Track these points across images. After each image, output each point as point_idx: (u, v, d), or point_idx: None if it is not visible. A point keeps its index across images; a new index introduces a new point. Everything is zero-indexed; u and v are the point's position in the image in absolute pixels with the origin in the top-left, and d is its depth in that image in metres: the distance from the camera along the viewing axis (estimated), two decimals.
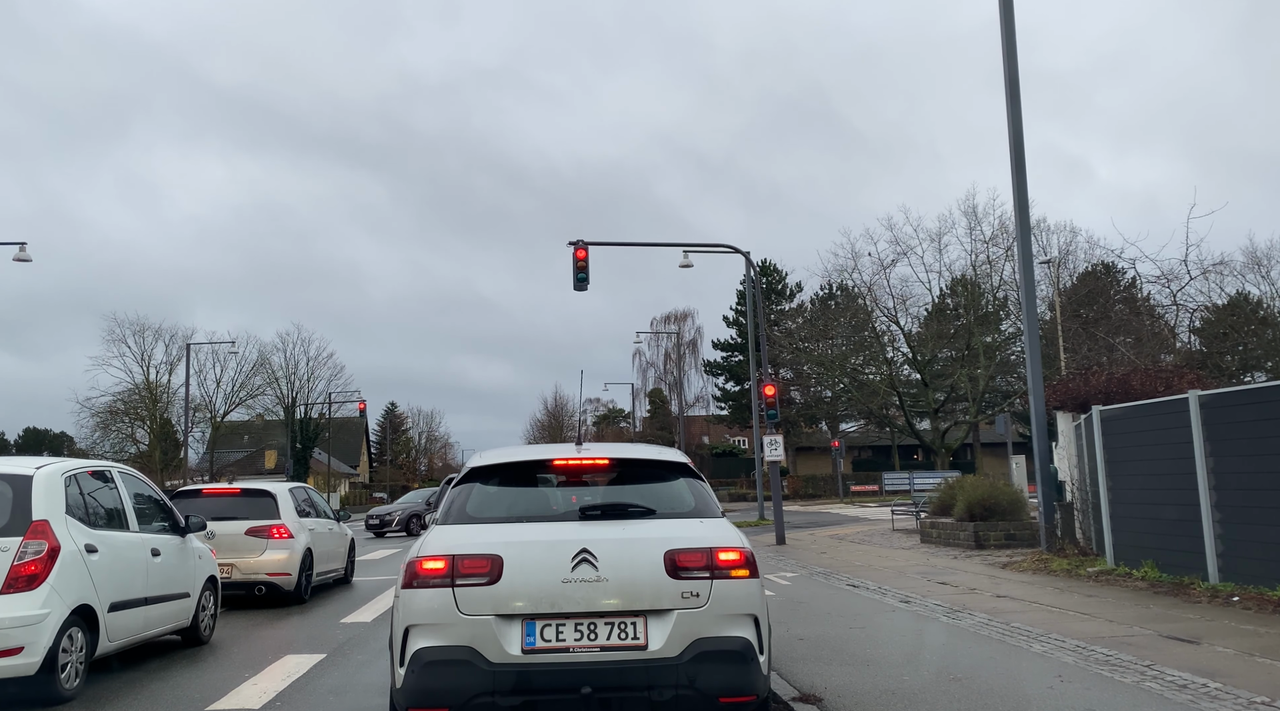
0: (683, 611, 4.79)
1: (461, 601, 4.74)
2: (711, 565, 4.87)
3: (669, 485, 5.52)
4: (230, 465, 72.23)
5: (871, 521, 30.74)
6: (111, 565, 7.58)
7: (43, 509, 7.01)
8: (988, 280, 57.80)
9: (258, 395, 63.35)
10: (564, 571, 4.77)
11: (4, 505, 6.96)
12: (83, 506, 7.58)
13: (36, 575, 6.71)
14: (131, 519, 8.35)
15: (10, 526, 6.84)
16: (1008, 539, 17.76)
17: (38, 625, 6.56)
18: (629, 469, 5.63)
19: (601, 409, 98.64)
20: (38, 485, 7.12)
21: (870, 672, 7.09)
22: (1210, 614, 9.30)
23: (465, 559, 4.80)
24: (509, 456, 5.73)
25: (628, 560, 4.83)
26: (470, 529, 5.11)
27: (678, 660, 4.71)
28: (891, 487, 52.82)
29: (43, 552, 6.81)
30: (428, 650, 4.71)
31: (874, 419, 62.31)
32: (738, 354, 72.02)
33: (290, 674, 7.72)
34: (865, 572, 14.72)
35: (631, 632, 4.76)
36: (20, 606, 6.54)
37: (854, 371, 60.27)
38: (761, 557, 18.89)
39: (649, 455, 5.79)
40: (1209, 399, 10.81)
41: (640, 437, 74.69)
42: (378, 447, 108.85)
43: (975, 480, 19.55)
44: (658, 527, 5.08)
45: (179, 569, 8.99)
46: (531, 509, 5.42)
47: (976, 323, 58.68)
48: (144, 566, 8.23)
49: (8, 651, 6.41)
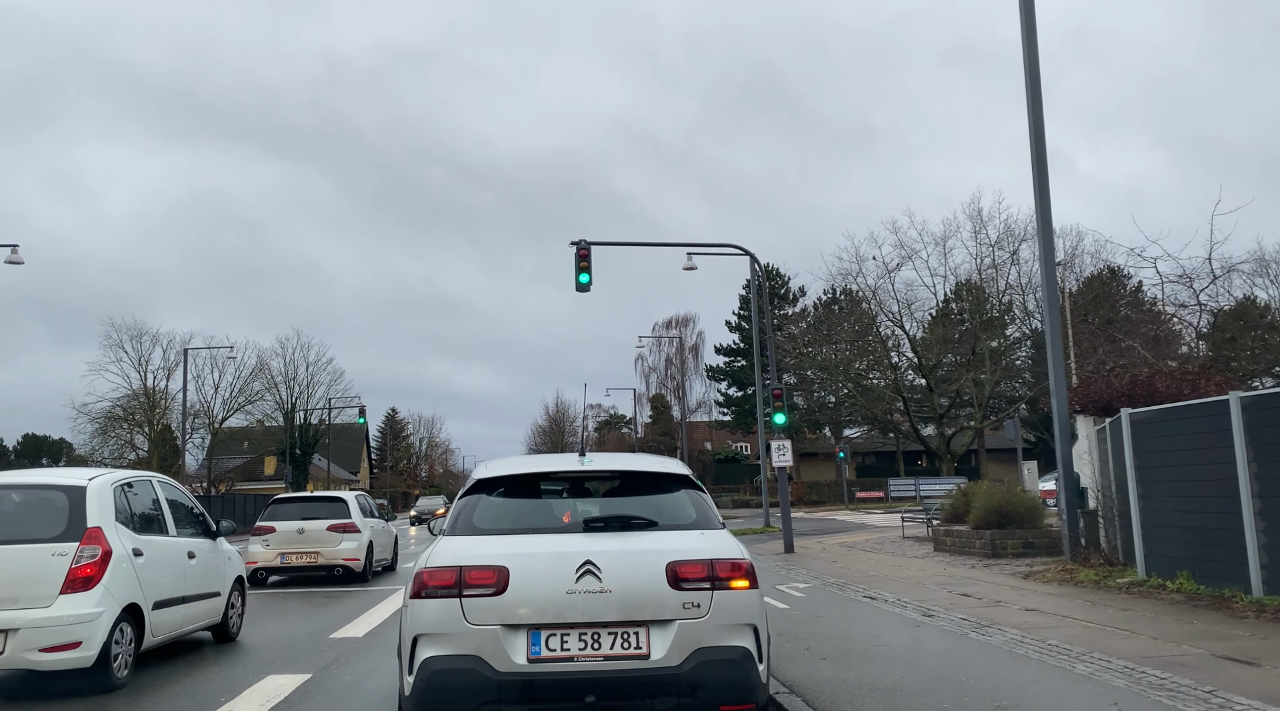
0: (684, 621, 4.86)
1: (469, 611, 4.81)
2: (712, 576, 4.94)
3: (671, 497, 5.56)
4: (230, 471, 71.65)
5: (880, 528, 30.13)
6: (155, 567, 8.23)
7: (96, 516, 7.58)
8: (993, 284, 57.23)
9: (256, 400, 62.69)
10: (568, 582, 4.83)
11: (61, 513, 7.52)
12: (129, 513, 8.20)
13: (92, 577, 7.31)
14: (170, 524, 9.01)
15: (67, 533, 7.43)
16: (1025, 547, 17.12)
17: (93, 622, 7.22)
18: (631, 480, 5.73)
19: (603, 414, 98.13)
20: (91, 495, 7.68)
21: (907, 702, 6.46)
22: (1261, 631, 8.66)
23: (472, 570, 4.86)
24: (514, 468, 5.78)
25: (630, 571, 4.90)
26: (477, 540, 5.18)
27: (679, 669, 4.78)
28: (897, 494, 52.19)
29: (97, 556, 7.41)
30: (435, 659, 4.77)
31: (878, 424, 61.68)
32: (740, 359, 71.40)
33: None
34: (881, 583, 14.10)
35: (634, 642, 4.83)
36: (78, 605, 7.19)
37: (858, 376, 59.65)
38: (771, 567, 18.43)
39: (651, 467, 5.84)
40: (1252, 401, 10.19)
41: (642, 443, 74.12)
42: (378, 454, 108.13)
43: (990, 487, 18.92)
44: (660, 539, 5.15)
45: (212, 570, 9.66)
46: (537, 520, 5.47)
47: (981, 327, 58.10)
48: (182, 568, 8.91)
49: (68, 645, 7.09)
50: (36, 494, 7.89)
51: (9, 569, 7.19)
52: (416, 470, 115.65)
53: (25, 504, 7.82)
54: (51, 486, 7.89)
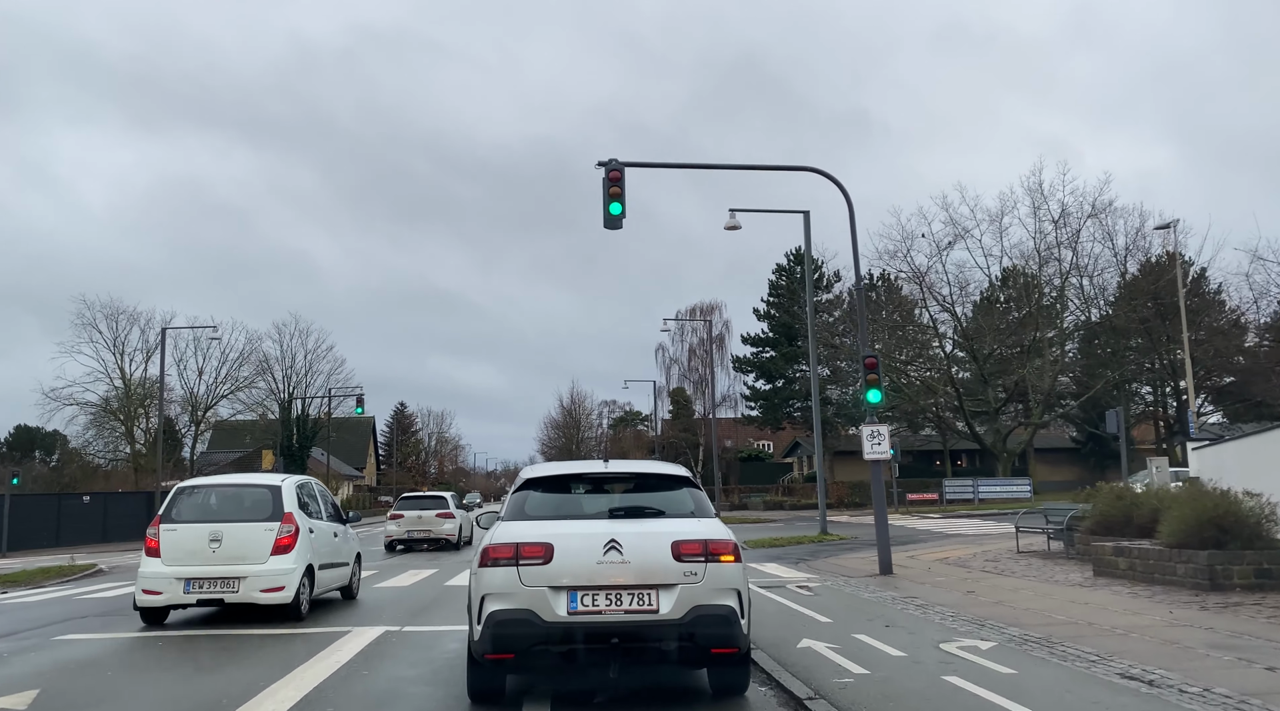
0: (685, 585, 6.25)
1: (523, 577, 6.25)
2: (706, 552, 6.33)
3: (675, 493, 7.06)
4: (226, 465, 66.76)
5: (973, 538, 24.75)
6: (319, 541, 12.18)
7: (288, 504, 11.62)
8: (1056, 265, 51.67)
9: (245, 387, 57.60)
10: (598, 555, 6.24)
11: (267, 503, 11.56)
12: (303, 504, 12.12)
13: (289, 545, 11.31)
14: (323, 512, 12.90)
15: (273, 515, 11.42)
16: (1260, 576, 11.89)
17: (290, 574, 11.21)
18: (645, 480, 7.27)
19: (617, 411, 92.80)
20: (284, 491, 11.77)
21: None
22: None
23: (526, 546, 6.31)
24: (555, 470, 7.47)
25: (645, 548, 6.30)
26: (528, 524, 6.62)
27: (681, 621, 6.19)
28: (953, 496, 46.76)
29: (292, 532, 11.40)
30: (498, 612, 6.21)
31: (927, 419, 56.20)
32: (769, 349, 66.03)
33: None
34: (1094, 639, 8.92)
35: (647, 601, 6.22)
36: (281, 563, 11.20)
37: (900, 367, 54.24)
38: (875, 598, 12.42)
39: (659, 470, 7.41)
40: None
41: (662, 442, 69.04)
42: (386, 450, 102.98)
43: (1193, 490, 13.63)
44: (666, 524, 6.60)
45: (344, 546, 13.54)
46: (572, 509, 6.96)
47: (1039, 312, 52.68)
48: (331, 543, 12.85)
49: (276, 588, 11.04)
50: (253, 491, 11.91)
51: (240, 539, 11.20)
52: (425, 466, 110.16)
53: (248, 498, 11.79)
54: (261, 485, 12.00)
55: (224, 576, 10.90)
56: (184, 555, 11.00)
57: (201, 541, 11.03)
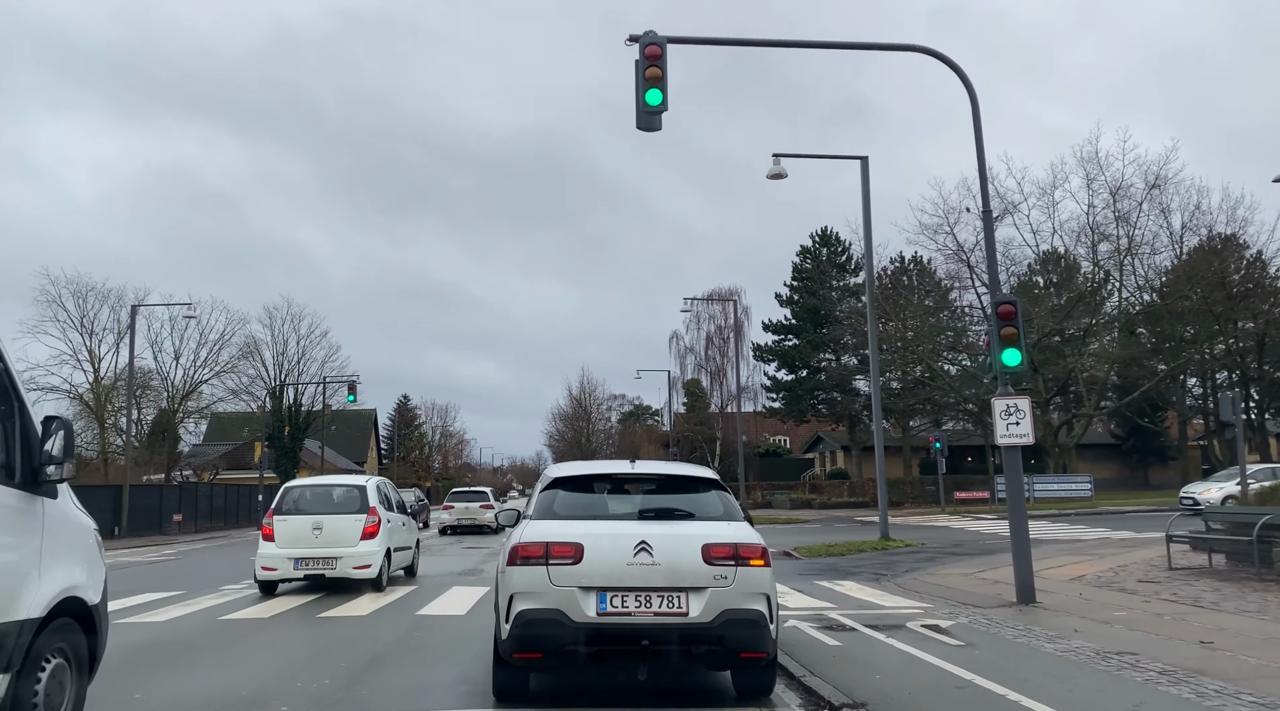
0: (714, 589, 6.21)
1: (553, 576, 6.22)
2: (736, 556, 6.28)
3: (704, 495, 7.05)
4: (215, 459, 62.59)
5: (1064, 544, 20.15)
6: (393, 529, 14.88)
7: (372, 500, 14.38)
8: (1112, 241, 47.00)
9: (227, 371, 53.32)
10: (628, 557, 6.22)
11: (356, 499, 14.37)
12: (382, 499, 14.81)
13: (374, 533, 13.98)
14: (395, 506, 15.71)
15: (360, 508, 14.18)
16: None
17: (375, 555, 13.90)
18: (674, 482, 7.25)
19: (626, 405, 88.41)
20: (369, 489, 14.60)
21: None
22: None
23: (556, 545, 6.28)
24: (581, 469, 7.47)
25: (675, 550, 6.27)
26: (557, 523, 6.59)
27: (710, 624, 6.14)
28: (1006, 495, 42.07)
29: (376, 522, 14.09)
30: (528, 611, 6.17)
31: (968, 411, 51.63)
32: (792, 336, 61.65)
33: None
34: None
35: (677, 603, 6.18)
36: (369, 547, 13.87)
37: (934, 353, 49.70)
38: (1077, 661, 6.50)
39: (688, 472, 7.38)
40: None
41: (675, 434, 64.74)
42: (388, 443, 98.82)
43: None
44: (696, 527, 6.56)
45: (408, 533, 16.33)
46: (601, 510, 6.97)
47: (1092, 295, 48.13)
48: (401, 531, 15.63)
49: (365, 566, 13.74)
50: (345, 489, 14.80)
51: (339, 527, 13.88)
52: (429, 461, 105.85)
53: (341, 494, 14.68)
54: (351, 485, 14.90)
55: (325, 556, 13.71)
56: (293, 540, 13.80)
57: (306, 529, 13.87)
